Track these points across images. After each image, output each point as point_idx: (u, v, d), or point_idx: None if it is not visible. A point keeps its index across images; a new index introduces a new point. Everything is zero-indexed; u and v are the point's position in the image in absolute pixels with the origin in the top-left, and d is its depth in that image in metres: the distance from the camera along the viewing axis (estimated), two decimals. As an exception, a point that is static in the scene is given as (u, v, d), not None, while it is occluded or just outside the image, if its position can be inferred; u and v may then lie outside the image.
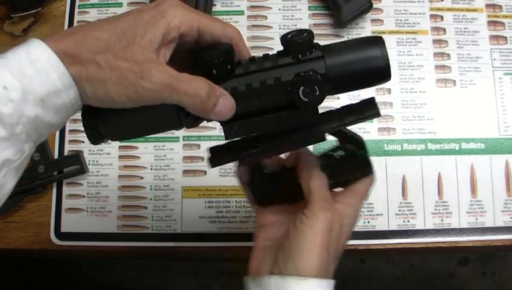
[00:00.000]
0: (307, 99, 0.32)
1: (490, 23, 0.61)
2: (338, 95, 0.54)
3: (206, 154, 0.36)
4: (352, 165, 0.40)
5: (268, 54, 0.34)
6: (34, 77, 0.29)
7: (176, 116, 0.33)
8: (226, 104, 0.33)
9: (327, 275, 0.37)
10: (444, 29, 0.61)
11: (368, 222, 0.56)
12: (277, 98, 0.33)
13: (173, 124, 0.33)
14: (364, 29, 0.61)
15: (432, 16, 0.61)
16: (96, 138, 0.34)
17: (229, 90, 0.33)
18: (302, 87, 0.32)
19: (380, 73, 0.33)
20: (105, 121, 0.33)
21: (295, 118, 0.34)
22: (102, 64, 0.30)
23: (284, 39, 0.33)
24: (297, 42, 0.32)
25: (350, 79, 0.33)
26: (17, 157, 0.30)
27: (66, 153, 0.59)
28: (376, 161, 0.56)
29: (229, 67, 0.33)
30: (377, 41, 0.33)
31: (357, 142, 0.40)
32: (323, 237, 0.36)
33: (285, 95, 0.33)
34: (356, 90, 0.35)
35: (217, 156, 0.37)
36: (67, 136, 0.59)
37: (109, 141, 0.35)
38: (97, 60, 0.30)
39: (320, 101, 0.32)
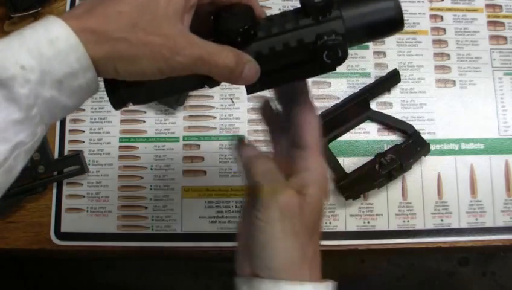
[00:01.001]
0: (330, 61, 0.34)
1: (490, 23, 0.61)
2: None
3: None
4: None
5: (285, 12, 0.35)
6: (53, 58, 0.28)
7: (202, 81, 0.34)
8: (251, 70, 0.33)
9: (307, 261, 0.35)
10: (444, 30, 0.61)
11: (368, 222, 0.56)
12: (299, 56, 0.34)
13: (197, 86, 0.35)
14: (364, 29, 0.61)
15: (431, 16, 0.61)
16: (119, 103, 0.34)
17: (253, 54, 0.34)
18: (325, 52, 0.33)
19: (394, 23, 0.35)
20: (130, 86, 0.33)
21: (315, 70, 0.35)
22: (134, 41, 0.30)
23: (304, 1, 0.33)
24: (317, 5, 0.33)
25: (366, 31, 0.35)
26: (30, 140, 0.30)
27: (66, 153, 0.59)
28: (376, 161, 0.56)
29: (252, 32, 0.33)
30: None
31: None
32: (282, 226, 0.34)
33: (307, 53, 0.34)
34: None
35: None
36: (67, 136, 0.59)
37: (130, 104, 0.35)
38: (128, 38, 0.29)
39: (343, 61, 0.34)
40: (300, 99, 0.38)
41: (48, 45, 0.28)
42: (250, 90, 0.36)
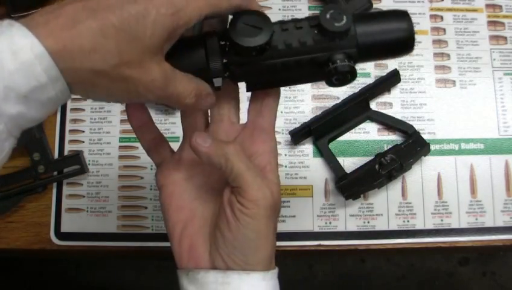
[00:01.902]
0: (337, 82, 0.34)
1: (490, 23, 0.61)
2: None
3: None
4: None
5: (301, 22, 0.34)
6: (16, 72, 0.25)
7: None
8: (206, 103, 0.34)
9: (274, 252, 0.35)
10: (444, 30, 0.61)
11: (368, 222, 0.56)
12: (308, 71, 0.35)
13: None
14: (364, 29, 0.61)
15: (431, 16, 0.61)
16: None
17: (264, 66, 0.34)
18: (335, 76, 0.33)
19: (405, 44, 0.35)
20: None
21: (319, 80, 0.36)
22: (114, 75, 0.28)
23: (324, 23, 0.33)
24: (336, 31, 0.33)
25: (377, 50, 0.35)
26: None
27: (66, 153, 0.59)
28: (376, 161, 0.56)
29: (267, 47, 0.33)
30: (404, 14, 0.35)
31: None
32: (268, 223, 0.34)
33: (317, 70, 0.34)
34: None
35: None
36: (67, 136, 0.59)
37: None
38: (109, 72, 0.28)
39: (350, 83, 0.34)
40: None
41: (10, 57, 0.25)
42: (250, 88, 0.36)
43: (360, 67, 0.60)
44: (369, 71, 0.60)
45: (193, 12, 0.30)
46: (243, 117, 0.39)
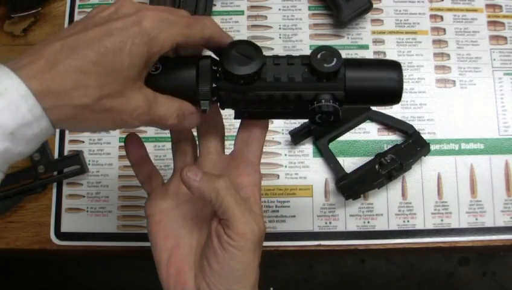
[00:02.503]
0: (320, 121, 0.35)
1: (490, 23, 0.61)
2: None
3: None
4: None
5: (293, 59, 0.35)
6: (3, 110, 0.27)
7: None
8: (192, 122, 0.35)
9: (256, 286, 0.36)
10: (444, 30, 0.61)
11: (368, 222, 0.56)
12: (293, 107, 0.35)
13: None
14: (365, 29, 0.61)
15: (431, 16, 0.61)
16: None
17: (251, 94, 0.34)
18: (318, 115, 0.34)
19: (393, 94, 0.35)
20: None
21: (304, 117, 0.36)
22: (97, 108, 0.29)
23: (313, 62, 0.33)
24: (326, 72, 0.33)
25: (364, 96, 0.35)
26: None
27: (66, 153, 0.59)
28: (376, 161, 0.56)
29: (255, 77, 0.34)
30: (396, 65, 0.35)
31: None
32: (254, 256, 0.35)
33: (302, 106, 0.35)
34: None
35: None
36: (67, 136, 0.59)
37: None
38: (91, 106, 0.29)
39: (334, 124, 0.35)
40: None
41: None
42: (238, 116, 0.37)
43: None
44: (369, 71, 0.60)
45: (166, 41, 0.31)
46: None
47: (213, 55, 0.36)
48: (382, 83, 0.35)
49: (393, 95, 0.35)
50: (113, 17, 0.31)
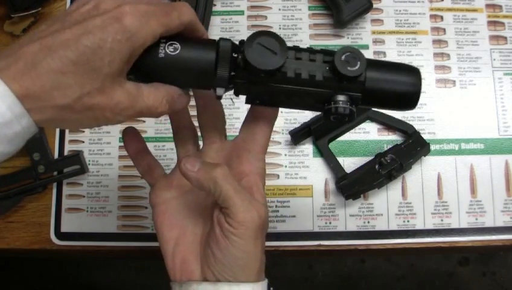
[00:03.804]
0: (334, 120, 0.35)
1: (490, 23, 0.61)
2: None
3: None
4: None
5: (315, 54, 0.34)
6: None
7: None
8: (182, 104, 0.35)
9: (263, 265, 0.36)
10: (444, 30, 0.61)
11: (368, 222, 0.56)
12: (309, 102, 0.35)
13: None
14: (365, 29, 0.61)
15: (431, 16, 0.61)
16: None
17: (270, 89, 0.34)
18: (334, 115, 0.34)
19: (409, 99, 0.35)
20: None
21: (318, 109, 0.36)
22: (78, 107, 0.29)
23: (337, 64, 0.33)
24: (347, 76, 0.33)
25: (380, 100, 0.35)
26: None
27: (66, 153, 0.59)
28: (376, 161, 0.56)
29: (277, 72, 0.33)
30: (415, 70, 0.35)
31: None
32: (256, 243, 0.35)
33: (317, 102, 0.35)
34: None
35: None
36: (67, 136, 0.59)
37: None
38: (72, 105, 0.29)
39: (347, 123, 0.34)
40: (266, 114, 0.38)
41: None
42: (250, 102, 0.37)
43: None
44: (369, 71, 0.60)
45: (148, 34, 0.30)
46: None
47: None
48: (401, 87, 0.34)
49: (411, 100, 0.35)
50: (92, 13, 0.30)
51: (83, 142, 0.59)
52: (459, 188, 0.57)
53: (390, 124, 0.58)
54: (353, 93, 0.34)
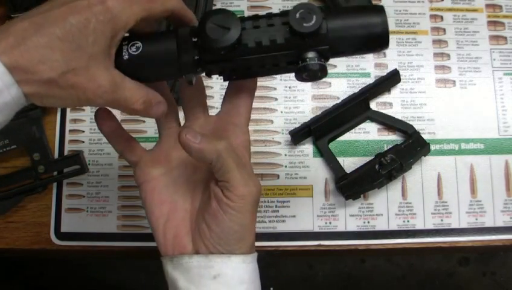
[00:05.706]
0: (308, 78, 0.34)
1: (490, 23, 0.61)
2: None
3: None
4: None
5: (272, 18, 0.34)
6: None
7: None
8: (158, 111, 0.35)
9: (253, 246, 0.37)
10: (444, 30, 0.61)
11: (368, 222, 0.56)
12: (280, 66, 0.35)
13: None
14: (364, 29, 0.61)
15: (431, 16, 0.61)
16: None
17: (236, 63, 0.34)
18: (306, 73, 0.34)
19: (379, 40, 0.34)
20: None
21: (291, 72, 0.36)
22: (62, 83, 0.30)
23: (292, 23, 0.33)
24: (306, 32, 0.33)
25: (348, 47, 0.35)
26: None
27: (66, 153, 0.59)
28: (376, 161, 0.56)
29: (236, 45, 0.33)
30: (378, 9, 0.34)
31: None
32: (252, 216, 0.36)
33: (288, 65, 0.35)
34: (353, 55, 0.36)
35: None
36: (67, 136, 0.59)
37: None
38: (57, 80, 0.30)
39: (321, 79, 0.35)
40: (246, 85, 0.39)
41: None
42: (227, 79, 0.37)
43: (360, 67, 0.60)
44: (369, 71, 0.60)
45: (129, 17, 0.32)
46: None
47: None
48: (366, 30, 0.34)
49: (380, 40, 0.34)
50: None
51: (83, 142, 0.59)
52: (459, 188, 0.57)
53: (390, 124, 0.58)
54: (319, 47, 0.33)
